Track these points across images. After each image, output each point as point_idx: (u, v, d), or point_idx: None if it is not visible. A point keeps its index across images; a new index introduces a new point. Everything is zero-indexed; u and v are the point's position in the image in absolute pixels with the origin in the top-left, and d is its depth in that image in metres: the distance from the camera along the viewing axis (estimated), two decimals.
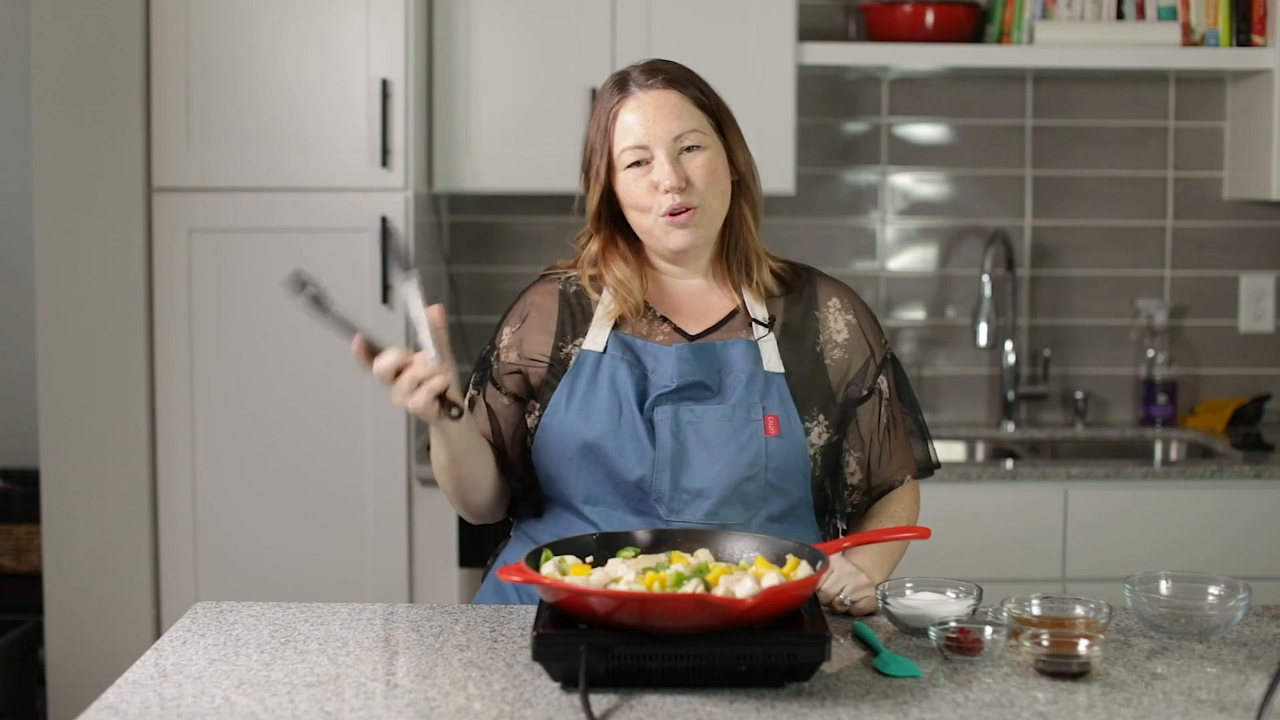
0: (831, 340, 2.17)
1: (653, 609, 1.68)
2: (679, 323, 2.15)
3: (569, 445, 2.08)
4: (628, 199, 2.11)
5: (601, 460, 2.06)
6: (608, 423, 2.06)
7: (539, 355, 2.15)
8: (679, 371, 2.08)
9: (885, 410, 2.19)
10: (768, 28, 3.55)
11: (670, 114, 2.08)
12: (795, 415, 2.09)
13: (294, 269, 1.91)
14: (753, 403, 2.08)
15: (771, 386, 2.10)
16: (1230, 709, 1.67)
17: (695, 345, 2.11)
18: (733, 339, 2.13)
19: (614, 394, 2.08)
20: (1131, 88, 3.92)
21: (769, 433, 2.07)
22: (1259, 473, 3.39)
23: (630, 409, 2.06)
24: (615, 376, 2.09)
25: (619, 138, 2.09)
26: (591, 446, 2.06)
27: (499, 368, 2.16)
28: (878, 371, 2.19)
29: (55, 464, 3.38)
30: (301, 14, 3.33)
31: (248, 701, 1.69)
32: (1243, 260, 3.97)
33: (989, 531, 3.37)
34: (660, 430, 2.05)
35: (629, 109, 2.09)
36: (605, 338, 2.12)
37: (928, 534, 2.05)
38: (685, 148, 2.08)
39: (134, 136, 3.34)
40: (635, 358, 2.10)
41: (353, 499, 3.39)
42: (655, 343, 2.12)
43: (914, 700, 1.69)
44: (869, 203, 3.95)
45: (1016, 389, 3.91)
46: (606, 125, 2.10)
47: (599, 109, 2.13)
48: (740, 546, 1.92)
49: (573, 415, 2.08)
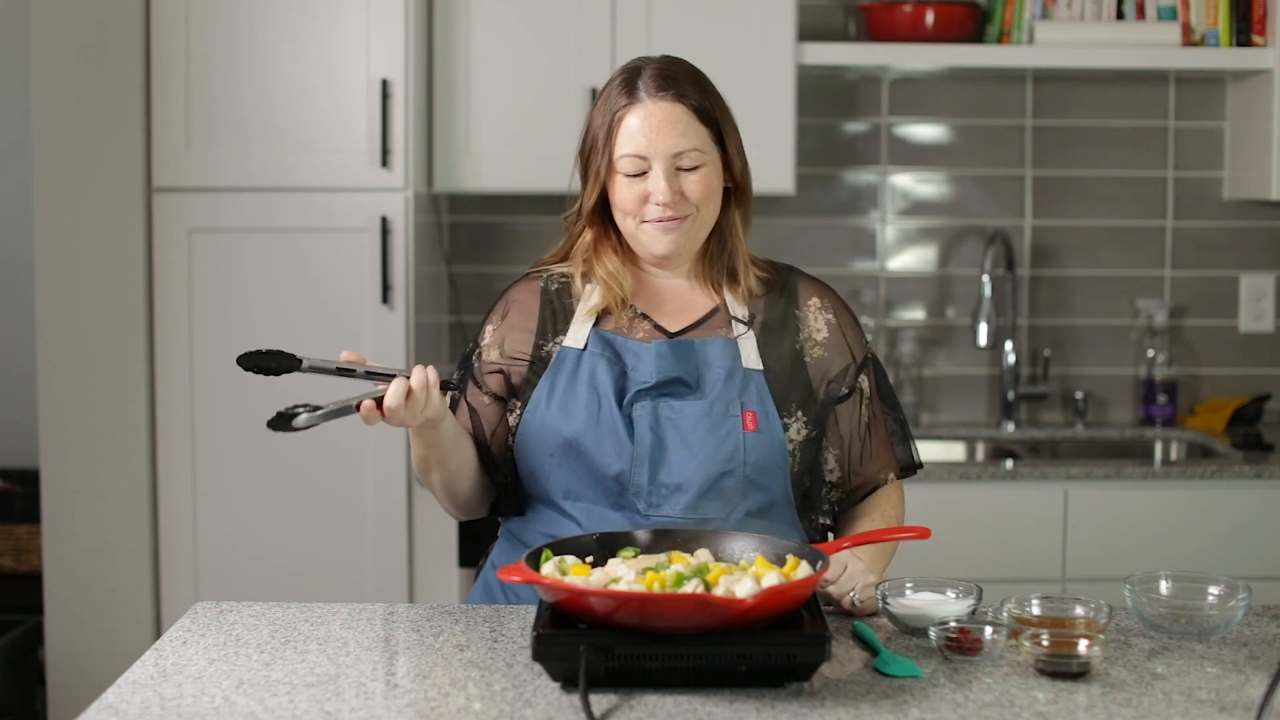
0: (811, 339, 2.18)
1: (652, 609, 1.68)
2: (660, 320, 2.16)
3: (549, 441, 2.09)
4: (619, 202, 2.12)
5: (581, 456, 2.08)
6: (587, 418, 2.08)
7: (519, 354, 2.16)
8: (658, 368, 2.09)
9: (866, 409, 2.20)
10: (768, 28, 3.55)
11: (674, 130, 2.08)
12: (774, 412, 2.10)
13: (271, 418, 1.86)
14: (731, 399, 2.09)
15: (750, 383, 2.11)
16: (1230, 709, 1.67)
17: (675, 342, 2.13)
18: (712, 336, 2.14)
19: (593, 390, 2.09)
20: (1131, 88, 3.92)
21: (747, 428, 2.08)
22: (1259, 473, 3.39)
23: (609, 404, 2.08)
24: (595, 373, 2.10)
25: (620, 142, 2.09)
26: (571, 442, 2.08)
27: (480, 366, 2.18)
28: (858, 371, 2.20)
29: (55, 464, 3.38)
30: (301, 14, 3.33)
31: (248, 701, 1.69)
32: (1243, 260, 3.97)
33: (989, 531, 3.37)
34: (639, 425, 2.07)
35: (635, 116, 2.09)
36: (586, 334, 2.14)
37: (928, 534, 2.05)
38: (683, 166, 2.09)
39: (134, 136, 3.34)
40: (615, 354, 2.12)
41: (353, 499, 3.39)
42: (635, 339, 2.13)
43: (914, 700, 1.69)
44: (869, 203, 3.95)
45: (1016, 389, 3.91)
46: (610, 126, 2.10)
47: (604, 105, 2.13)
48: (740, 546, 1.92)
49: (553, 411, 2.09)
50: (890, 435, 2.21)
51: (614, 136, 2.10)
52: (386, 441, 3.37)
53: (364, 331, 3.35)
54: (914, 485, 2.82)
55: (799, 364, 2.16)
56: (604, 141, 2.11)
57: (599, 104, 2.14)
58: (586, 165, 2.15)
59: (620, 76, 2.14)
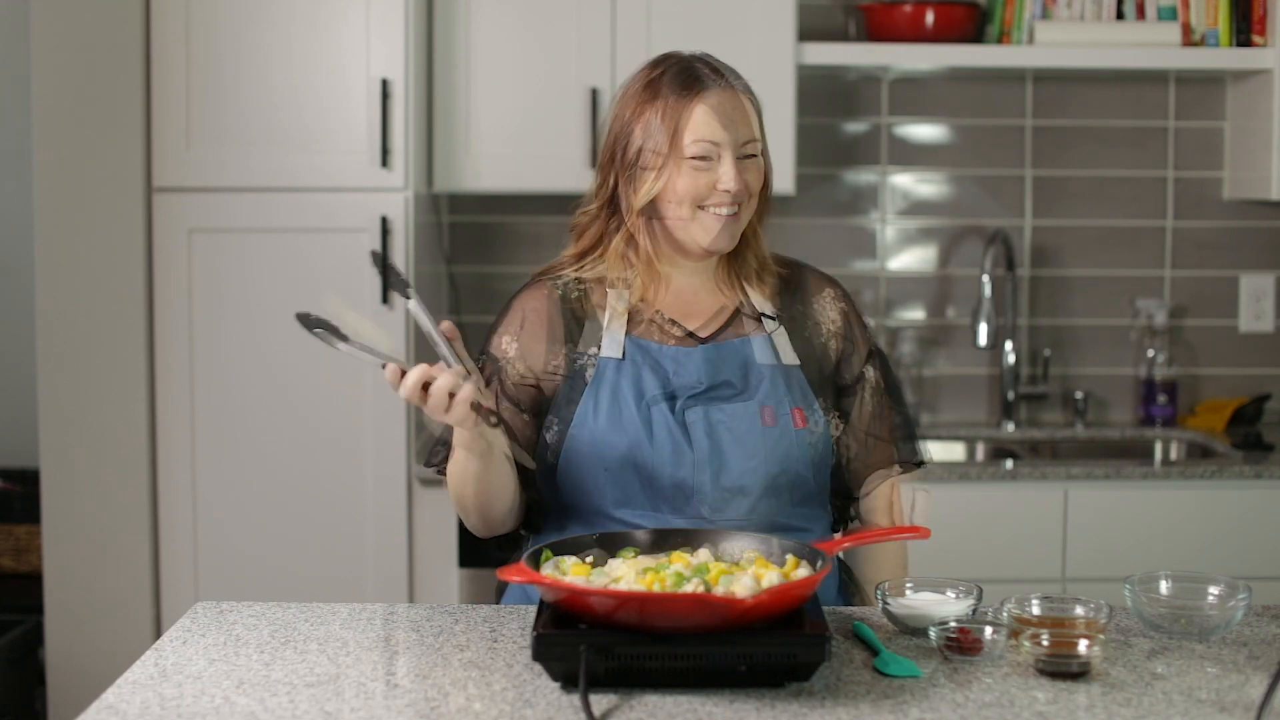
0: (828, 330, 2.19)
1: (653, 609, 1.68)
2: (685, 323, 2.14)
3: (605, 456, 2.05)
4: (680, 191, 2.07)
5: (639, 467, 2.05)
6: (641, 429, 2.05)
7: (553, 366, 2.11)
8: (706, 373, 2.08)
9: (872, 399, 2.20)
10: (768, 28, 3.55)
11: (743, 118, 2.09)
12: (816, 406, 2.12)
13: (298, 311, 1.87)
14: (780, 398, 2.09)
15: (793, 380, 2.12)
16: (1230, 709, 1.67)
17: (717, 345, 2.12)
18: (748, 335, 2.14)
19: (642, 400, 2.07)
20: (1131, 88, 3.92)
21: (797, 425, 2.09)
22: (1259, 473, 3.39)
23: (662, 413, 2.06)
24: (640, 382, 2.08)
25: (692, 129, 2.06)
26: (628, 454, 2.05)
27: (507, 378, 2.12)
28: (864, 361, 2.20)
29: (55, 464, 3.38)
30: (302, 14, 3.33)
31: (248, 701, 1.69)
32: (1243, 260, 3.97)
33: (989, 531, 3.37)
34: (695, 431, 2.06)
35: (708, 103, 2.06)
36: (621, 342, 2.11)
37: (928, 534, 2.05)
38: (746, 155, 2.10)
39: (134, 136, 3.34)
40: (655, 361, 2.10)
41: (353, 499, 3.39)
42: (671, 345, 2.11)
43: (914, 700, 1.69)
44: (869, 203, 3.95)
45: (1016, 389, 3.91)
46: (680, 115, 2.06)
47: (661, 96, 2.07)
48: (740, 546, 1.92)
49: (603, 425, 2.06)
50: (894, 429, 2.21)
51: (684, 124, 2.06)
52: (387, 442, 3.37)
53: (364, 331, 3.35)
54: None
55: (824, 356, 2.17)
56: (669, 132, 2.06)
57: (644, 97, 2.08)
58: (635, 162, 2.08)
59: (666, 66, 2.10)
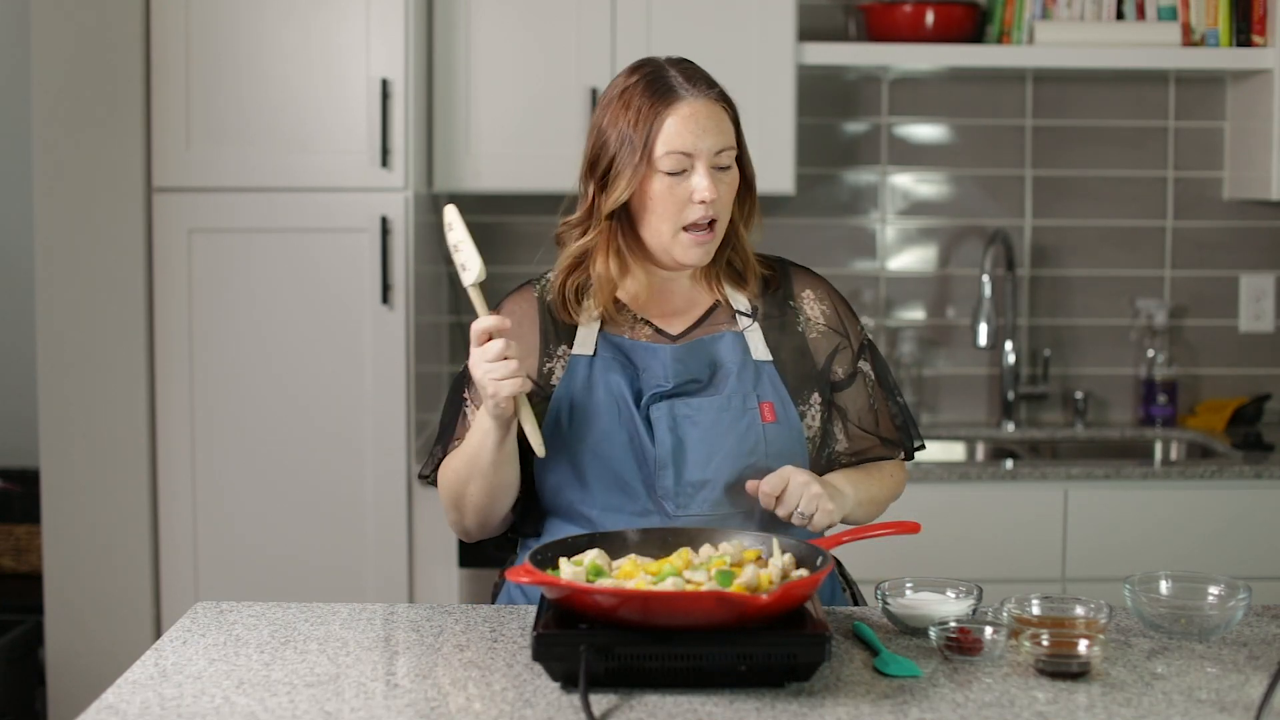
0: (814, 327, 2.18)
1: (667, 608, 1.68)
2: (660, 323, 2.14)
3: (573, 453, 2.07)
4: (655, 204, 2.06)
5: (606, 463, 2.06)
6: (608, 426, 2.06)
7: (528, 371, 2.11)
8: (673, 370, 2.09)
9: (869, 392, 2.20)
10: (768, 28, 3.55)
11: (716, 128, 2.05)
12: (789, 401, 2.11)
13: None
14: (747, 391, 2.09)
15: (762, 374, 2.11)
16: (1230, 709, 1.67)
17: (687, 344, 2.12)
18: (719, 332, 2.14)
19: (610, 397, 2.08)
20: (1131, 88, 3.92)
21: (765, 419, 2.08)
22: (1259, 473, 3.39)
23: (628, 409, 2.07)
24: (609, 379, 2.09)
25: (664, 141, 2.03)
26: (595, 451, 2.06)
27: None
28: (856, 357, 2.20)
29: (55, 464, 3.38)
30: (301, 14, 3.33)
31: (248, 701, 1.69)
32: (1243, 260, 3.97)
33: (989, 531, 3.37)
34: (658, 428, 2.06)
35: (680, 114, 2.03)
36: (594, 340, 2.12)
37: (917, 528, 2.05)
38: (720, 165, 2.06)
39: (134, 136, 3.34)
40: (625, 358, 2.11)
41: (353, 498, 3.39)
42: (643, 341, 2.12)
43: (914, 700, 1.69)
44: (869, 203, 3.95)
45: (1016, 389, 3.91)
46: (651, 125, 2.04)
47: (633, 106, 2.05)
48: (740, 545, 1.92)
49: (575, 423, 2.08)
50: (892, 419, 2.22)
51: (655, 134, 2.03)
52: (387, 441, 3.37)
53: (364, 331, 3.35)
54: (914, 485, 2.82)
55: (805, 353, 2.16)
56: (641, 141, 2.04)
57: (618, 106, 2.07)
58: (609, 169, 2.07)
59: (641, 75, 2.08)
